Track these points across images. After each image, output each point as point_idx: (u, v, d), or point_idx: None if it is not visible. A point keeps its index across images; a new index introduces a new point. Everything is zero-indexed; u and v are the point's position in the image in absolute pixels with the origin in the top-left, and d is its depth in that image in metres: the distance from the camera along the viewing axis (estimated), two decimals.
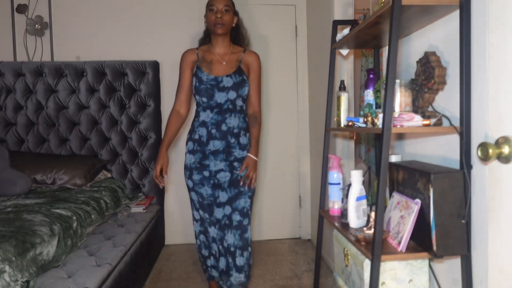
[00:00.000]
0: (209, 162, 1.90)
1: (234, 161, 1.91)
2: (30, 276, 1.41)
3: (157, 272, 2.62)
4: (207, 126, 1.90)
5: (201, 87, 1.87)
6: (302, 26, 3.23)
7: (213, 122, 1.89)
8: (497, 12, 0.97)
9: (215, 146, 1.89)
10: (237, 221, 1.90)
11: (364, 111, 1.57)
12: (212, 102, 1.88)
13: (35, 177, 2.45)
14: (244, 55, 1.95)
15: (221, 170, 1.90)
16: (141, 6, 3.08)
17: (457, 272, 1.27)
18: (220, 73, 1.89)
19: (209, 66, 1.91)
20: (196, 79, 1.88)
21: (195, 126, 1.93)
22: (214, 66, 1.91)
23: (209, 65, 1.91)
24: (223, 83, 1.87)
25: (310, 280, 2.44)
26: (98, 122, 2.90)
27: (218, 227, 1.94)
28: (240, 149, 1.92)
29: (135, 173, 2.92)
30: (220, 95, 1.87)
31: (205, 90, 1.86)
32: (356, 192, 1.45)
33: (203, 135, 1.90)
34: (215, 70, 1.90)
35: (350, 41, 1.69)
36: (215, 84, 1.87)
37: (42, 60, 2.97)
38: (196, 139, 1.92)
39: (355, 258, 1.39)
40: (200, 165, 1.92)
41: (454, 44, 1.26)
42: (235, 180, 1.91)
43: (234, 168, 1.91)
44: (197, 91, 1.89)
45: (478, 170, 1.16)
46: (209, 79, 1.87)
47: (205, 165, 1.91)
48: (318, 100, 2.84)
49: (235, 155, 1.91)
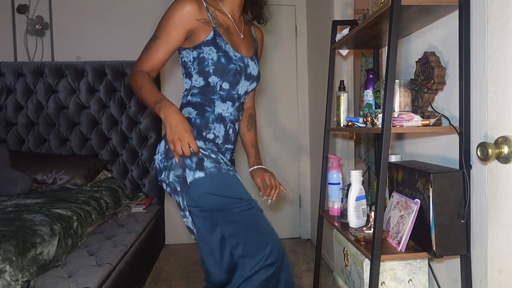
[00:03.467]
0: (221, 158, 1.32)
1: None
2: (31, 275, 1.41)
3: (157, 272, 2.62)
4: (225, 123, 1.31)
5: (229, 66, 1.25)
6: (302, 26, 3.23)
7: (232, 119, 1.33)
8: (496, 12, 0.98)
9: (226, 155, 1.37)
10: None
11: (363, 111, 1.57)
12: (234, 92, 1.31)
13: (35, 177, 2.45)
14: (254, 30, 1.45)
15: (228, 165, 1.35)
16: (141, 6, 3.08)
17: (457, 271, 1.27)
18: (244, 51, 1.33)
19: (228, 36, 1.28)
20: (220, 53, 1.23)
21: (210, 120, 1.28)
22: (234, 38, 1.30)
23: (227, 35, 1.28)
24: (250, 69, 1.33)
25: (310, 280, 2.44)
26: (98, 122, 2.90)
27: None
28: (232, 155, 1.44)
29: (135, 173, 2.92)
30: (244, 84, 1.33)
31: (234, 73, 1.27)
32: (355, 192, 1.45)
33: (220, 136, 1.31)
34: (235, 44, 1.30)
35: (349, 41, 1.69)
36: (243, 67, 1.30)
37: (43, 60, 2.97)
38: (210, 139, 1.29)
39: (355, 257, 1.39)
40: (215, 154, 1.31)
41: (454, 44, 1.26)
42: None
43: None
44: (219, 70, 1.25)
45: (478, 170, 1.16)
46: (237, 58, 1.27)
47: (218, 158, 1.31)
48: (318, 100, 2.84)
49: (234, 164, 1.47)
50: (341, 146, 2.50)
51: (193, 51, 1.25)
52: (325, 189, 1.87)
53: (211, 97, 1.28)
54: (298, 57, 3.26)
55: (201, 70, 1.25)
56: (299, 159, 3.27)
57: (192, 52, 1.26)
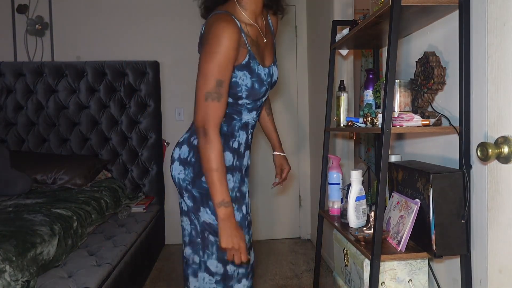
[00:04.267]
0: (246, 189, 1.27)
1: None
2: (31, 275, 1.41)
3: (157, 272, 2.62)
4: (247, 129, 1.26)
5: (262, 89, 1.19)
6: (302, 26, 3.23)
7: (253, 125, 1.28)
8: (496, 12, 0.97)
9: (248, 159, 1.29)
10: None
11: (363, 111, 1.57)
12: (259, 103, 1.25)
13: (35, 177, 2.45)
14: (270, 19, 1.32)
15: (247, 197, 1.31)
16: (142, 6, 3.08)
17: (457, 272, 1.27)
18: (267, 60, 1.24)
19: (258, 51, 1.20)
20: (254, 78, 1.16)
21: (236, 128, 1.22)
22: (261, 48, 1.22)
23: (258, 49, 1.20)
24: (274, 77, 1.26)
25: (310, 279, 2.44)
26: (98, 122, 2.90)
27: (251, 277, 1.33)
28: None
29: (135, 173, 2.92)
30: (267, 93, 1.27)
31: (264, 93, 1.22)
32: (355, 192, 1.45)
33: (242, 142, 1.25)
34: (261, 56, 1.22)
35: (349, 41, 1.69)
36: (270, 81, 1.24)
37: (43, 60, 2.97)
38: (235, 148, 1.23)
39: (355, 258, 1.39)
40: (240, 194, 1.24)
41: (454, 44, 1.26)
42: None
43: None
44: (253, 95, 1.18)
45: (478, 170, 1.16)
46: (266, 75, 1.20)
47: (243, 194, 1.25)
48: (318, 100, 2.84)
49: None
50: (341, 146, 2.50)
51: None
52: (325, 189, 1.87)
53: (239, 108, 1.21)
54: (298, 57, 3.26)
55: (232, 93, 1.16)
56: (299, 159, 3.27)
57: None
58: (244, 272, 1.27)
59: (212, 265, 1.24)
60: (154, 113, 2.92)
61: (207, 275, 1.25)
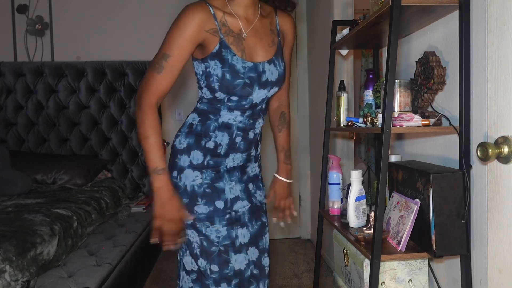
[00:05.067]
0: (224, 185, 1.21)
1: (248, 182, 1.28)
2: (31, 275, 1.41)
3: (157, 272, 2.62)
4: (231, 131, 1.20)
5: (235, 82, 1.13)
6: (302, 26, 3.23)
7: (240, 127, 1.20)
8: (496, 12, 0.97)
9: (234, 161, 1.23)
10: (267, 265, 1.31)
11: (363, 111, 1.57)
12: (245, 103, 1.18)
13: (35, 177, 2.45)
14: (278, 20, 1.25)
15: (237, 198, 1.23)
16: (141, 6, 3.08)
17: (457, 272, 1.27)
18: (259, 56, 1.18)
19: (238, 42, 1.15)
20: (225, 68, 1.12)
21: (211, 128, 1.20)
22: (247, 43, 1.16)
23: (238, 41, 1.15)
24: (266, 76, 1.17)
25: (310, 279, 2.44)
26: (98, 122, 2.90)
27: (237, 284, 1.22)
28: (254, 162, 1.31)
29: (135, 173, 2.92)
30: (260, 93, 1.18)
31: (242, 87, 1.14)
32: (355, 192, 1.45)
33: (223, 144, 1.20)
34: (248, 49, 1.16)
35: (349, 41, 1.69)
36: (256, 76, 1.15)
37: (43, 60, 2.97)
38: (209, 148, 1.19)
39: (355, 258, 1.39)
40: (212, 189, 1.20)
41: (454, 44, 1.26)
42: (255, 207, 1.28)
43: (250, 194, 1.28)
44: (225, 87, 1.13)
45: (478, 170, 1.16)
46: (247, 69, 1.13)
47: (219, 190, 1.21)
48: (318, 100, 2.85)
49: (248, 173, 1.28)
50: (341, 146, 2.50)
51: (201, 64, 1.15)
52: (325, 189, 1.87)
53: (218, 106, 1.19)
54: (298, 57, 3.26)
55: (208, 85, 1.16)
56: (299, 159, 3.27)
57: (200, 65, 1.16)
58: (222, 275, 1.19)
59: (188, 262, 1.22)
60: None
61: (185, 273, 1.25)
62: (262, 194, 1.33)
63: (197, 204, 1.19)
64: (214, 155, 1.20)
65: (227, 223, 1.21)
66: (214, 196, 1.20)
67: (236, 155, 1.22)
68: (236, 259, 1.21)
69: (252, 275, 1.25)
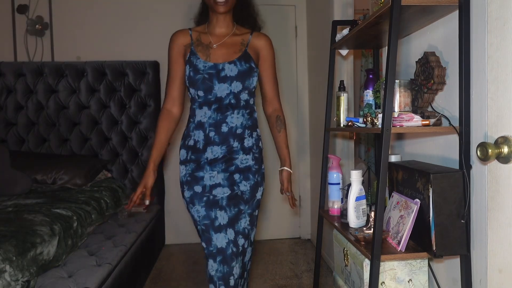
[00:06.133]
0: (204, 173, 1.50)
1: (235, 173, 1.50)
2: (31, 275, 1.42)
3: (157, 272, 2.63)
4: (204, 128, 1.50)
5: (196, 77, 1.47)
6: (302, 26, 3.23)
7: (211, 123, 1.49)
8: (496, 12, 0.97)
9: (214, 153, 1.49)
10: (242, 245, 1.51)
11: (363, 111, 1.57)
12: (211, 96, 1.48)
13: (35, 177, 2.45)
14: (251, 38, 1.57)
15: (218, 185, 1.49)
16: (141, 6, 3.08)
17: (457, 272, 1.27)
18: (221, 59, 1.51)
19: (206, 50, 1.52)
20: (190, 68, 1.48)
21: (190, 129, 1.52)
22: (213, 50, 1.52)
23: (206, 50, 1.53)
24: (225, 72, 1.48)
25: (310, 279, 2.44)
26: (98, 122, 2.90)
27: (221, 261, 1.46)
28: (244, 154, 1.52)
29: (135, 173, 2.92)
30: (221, 87, 1.47)
31: (202, 81, 1.47)
32: (355, 192, 1.45)
33: (200, 140, 1.50)
34: (214, 55, 1.51)
35: (349, 41, 1.69)
36: (215, 73, 1.47)
37: (43, 60, 2.97)
38: (190, 145, 1.51)
39: (355, 258, 1.39)
40: (192, 177, 1.50)
41: (454, 44, 1.26)
42: (235, 196, 1.50)
43: (234, 183, 1.50)
44: (191, 82, 1.48)
45: (478, 170, 1.16)
46: (206, 67, 1.48)
47: (198, 177, 1.50)
48: (318, 100, 2.85)
49: (236, 164, 1.50)
50: (341, 146, 2.50)
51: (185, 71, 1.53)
52: (325, 189, 1.87)
53: (192, 106, 1.53)
54: (298, 57, 3.26)
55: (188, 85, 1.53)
56: (299, 159, 3.27)
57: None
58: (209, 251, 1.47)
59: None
60: (154, 113, 2.92)
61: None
62: (248, 184, 1.52)
63: (184, 190, 1.52)
64: (194, 150, 1.51)
65: (205, 204, 1.48)
66: (193, 183, 1.50)
67: (214, 148, 1.49)
68: (217, 238, 1.46)
69: (232, 253, 1.47)
